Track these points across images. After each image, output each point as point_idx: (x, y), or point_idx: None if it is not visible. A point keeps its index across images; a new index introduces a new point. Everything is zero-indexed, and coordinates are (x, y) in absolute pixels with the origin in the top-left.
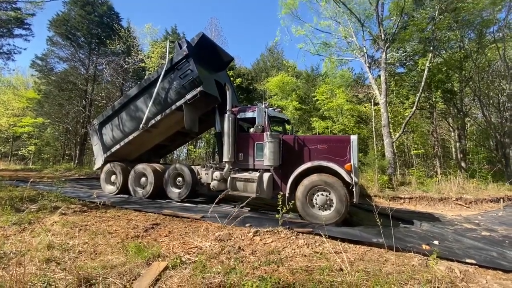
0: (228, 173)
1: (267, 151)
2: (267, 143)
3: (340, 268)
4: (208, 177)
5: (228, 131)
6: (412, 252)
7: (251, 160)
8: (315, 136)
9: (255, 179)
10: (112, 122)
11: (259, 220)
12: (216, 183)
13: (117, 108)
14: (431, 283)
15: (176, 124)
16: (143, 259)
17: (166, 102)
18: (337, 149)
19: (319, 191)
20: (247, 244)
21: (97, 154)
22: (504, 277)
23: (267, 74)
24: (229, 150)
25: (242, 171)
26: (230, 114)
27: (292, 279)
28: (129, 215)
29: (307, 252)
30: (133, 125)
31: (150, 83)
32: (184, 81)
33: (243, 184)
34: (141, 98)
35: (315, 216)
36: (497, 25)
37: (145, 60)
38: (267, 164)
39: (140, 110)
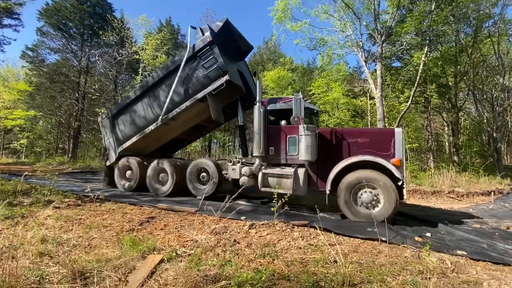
0: (258, 169)
1: (303, 144)
2: (303, 137)
3: (335, 260)
4: (236, 172)
5: (259, 124)
6: (405, 244)
7: (283, 154)
8: (355, 129)
9: (290, 175)
10: (126, 114)
11: (254, 213)
12: (246, 179)
13: (132, 99)
14: (423, 274)
15: (196, 116)
16: (138, 252)
17: (188, 92)
18: (380, 142)
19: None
20: (243, 237)
21: (109, 148)
22: (493, 268)
23: (263, 68)
24: (259, 144)
25: (273, 166)
26: (260, 105)
27: (287, 271)
28: (124, 208)
29: (302, 244)
30: (150, 118)
31: (169, 72)
32: (208, 70)
33: (276, 180)
34: (159, 89)
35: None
36: (492, 20)
37: (139, 52)
38: (303, 158)
39: (158, 102)
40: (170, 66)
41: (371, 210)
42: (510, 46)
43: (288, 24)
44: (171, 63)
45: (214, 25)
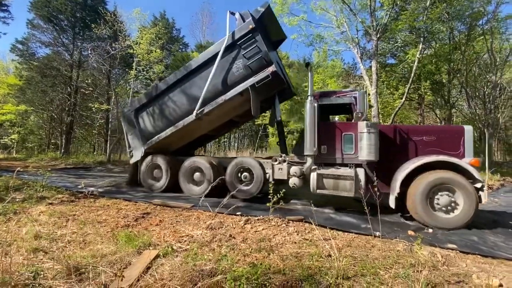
0: (309, 169)
1: (365, 143)
2: (366, 134)
3: (329, 254)
4: (283, 172)
5: (311, 120)
6: (398, 238)
7: (338, 153)
8: (420, 126)
9: (350, 176)
10: (153, 108)
11: (250, 209)
12: (297, 180)
13: (159, 92)
14: (414, 267)
15: (232, 110)
16: (133, 248)
17: (225, 85)
18: (448, 141)
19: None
20: (238, 232)
21: (133, 145)
22: (482, 261)
23: None
24: (312, 142)
25: (326, 166)
26: (313, 99)
27: (282, 266)
28: (119, 204)
29: (297, 239)
30: (181, 112)
31: (204, 62)
32: (250, 60)
33: (333, 181)
34: (191, 80)
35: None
36: (486, 18)
37: (133, 46)
38: (364, 158)
39: (190, 95)
40: (205, 56)
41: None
42: (502, 44)
43: (285, 19)
44: (206, 53)
45: (254, 11)
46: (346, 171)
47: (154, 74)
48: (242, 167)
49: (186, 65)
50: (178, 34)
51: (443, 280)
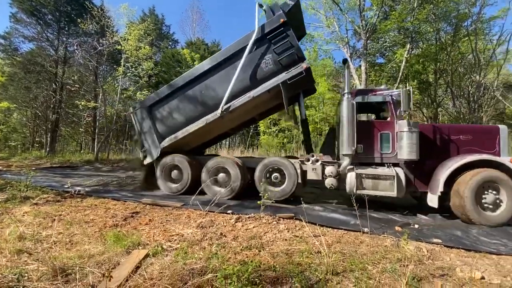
0: (346, 169)
1: (406, 142)
2: (407, 133)
3: (319, 251)
4: (317, 173)
5: (351, 119)
6: (386, 234)
7: (375, 152)
8: (457, 125)
9: (391, 176)
10: (170, 105)
11: (241, 207)
12: (334, 180)
13: (178, 87)
14: (401, 261)
15: (255, 108)
16: (122, 247)
17: (253, 80)
18: (484, 140)
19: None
20: (229, 230)
21: (147, 145)
22: (465, 255)
23: None
24: (351, 141)
25: (363, 166)
26: (351, 97)
27: (273, 262)
28: (107, 204)
29: (288, 236)
30: (202, 109)
31: (229, 56)
32: (281, 56)
33: (372, 181)
34: (215, 75)
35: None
36: (470, 19)
37: (121, 43)
38: (405, 157)
39: (213, 90)
40: (231, 50)
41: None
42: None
43: None
44: (233, 46)
45: (283, 4)
46: (386, 171)
47: (143, 71)
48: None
49: (210, 59)
50: (168, 30)
51: (428, 273)
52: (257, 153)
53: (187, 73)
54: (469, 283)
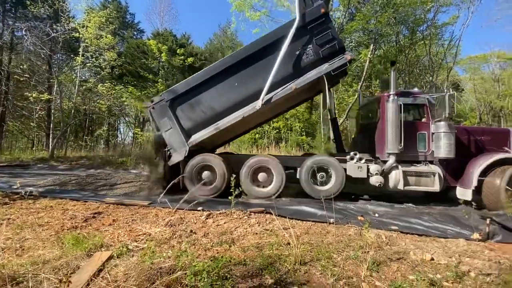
0: (391, 167)
1: (445, 142)
2: (446, 134)
3: (288, 243)
4: (363, 171)
5: (396, 118)
6: (350, 223)
7: (413, 151)
8: (478, 127)
9: (433, 173)
10: (199, 98)
11: (212, 203)
12: (381, 178)
13: (207, 78)
14: (363, 248)
15: (286, 101)
16: (82, 250)
17: (294, 71)
18: (499, 140)
19: None
20: (200, 227)
21: (173, 142)
22: (418, 239)
23: (223, 55)
24: (396, 140)
25: (404, 164)
26: (397, 98)
27: (244, 256)
28: (65, 205)
29: (259, 230)
30: (236, 102)
31: (268, 45)
32: (323, 47)
33: (415, 178)
34: (253, 65)
35: None
36: (425, 24)
37: (79, 30)
38: (443, 155)
39: (250, 81)
40: (269, 39)
41: None
42: (438, 49)
43: (247, 13)
44: (271, 35)
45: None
46: (427, 168)
47: (105, 61)
48: (319, 166)
49: (245, 48)
50: (133, 19)
51: (387, 258)
52: (229, 149)
53: (218, 64)
54: (421, 264)
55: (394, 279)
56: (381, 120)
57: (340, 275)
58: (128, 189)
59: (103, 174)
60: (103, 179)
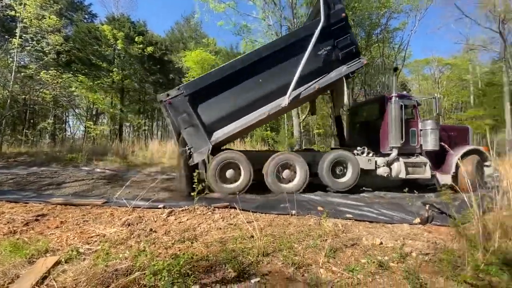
0: (393, 159)
1: (433, 137)
2: (431, 130)
3: (252, 236)
4: (372, 164)
5: (398, 117)
6: (310, 214)
7: (407, 145)
8: (451, 125)
9: (425, 163)
10: (222, 93)
11: (174, 200)
12: (387, 169)
13: (230, 73)
14: (321, 237)
15: (301, 101)
16: (23, 257)
17: (317, 71)
18: (463, 136)
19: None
20: (161, 225)
21: (194, 140)
22: (370, 226)
23: (185, 46)
24: (399, 136)
25: (402, 156)
26: (399, 100)
27: (207, 252)
28: (1, 207)
29: (222, 225)
30: (260, 98)
31: (293, 43)
32: (343, 50)
33: (412, 168)
34: (279, 63)
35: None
36: (379, 28)
37: (15, 7)
38: (430, 148)
39: (275, 79)
40: (293, 38)
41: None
42: (390, 51)
43: (211, 3)
44: (295, 34)
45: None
46: (419, 159)
47: (49, 46)
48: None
49: (269, 45)
50: (82, 0)
51: (342, 244)
52: None
53: (243, 58)
54: (372, 248)
55: (348, 263)
56: (384, 118)
57: (300, 264)
58: (79, 187)
59: (48, 172)
60: (48, 177)
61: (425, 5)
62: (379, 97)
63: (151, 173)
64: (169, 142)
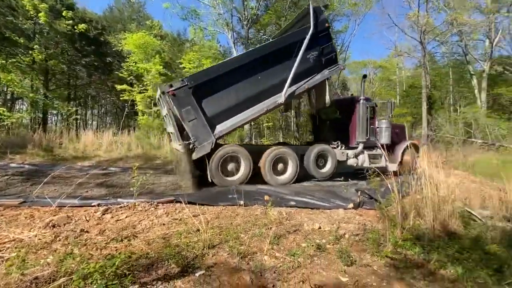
0: (359, 151)
1: (387, 133)
2: (386, 127)
3: (198, 229)
4: (344, 155)
5: (365, 117)
6: (257, 204)
7: (369, 140)
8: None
9: (380, 154)
10: (225, 87)
11: (111, 197)
12: (356, 160)
13: (234, 68)
14: (267, 225)
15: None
16: None
17: (305, 72)
18: (402, 132)
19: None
20: (94, 224)
21: (198, 134)
22: (311, 212)
23: (124, 27)
24: (364, 132)
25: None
26: (366, 102)
27: (147, 249)
28: None
29: (167, 220)
30: (258, 95)
31: (288, 45)
32: (326, 56)
33: (373, 159)
34: (275, 63)
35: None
36: None
37: None
38: (384, 142)
39: (270, 77)
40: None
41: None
42: None
43: None
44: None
45: (320, 8)
46: (377, 151)
47: None
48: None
49: (268, 45)
50: None
51: (286, 231)
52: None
53: (248, 53)
54: (311, 233)
55: (291, 248)
56: (353, 117)
57: (246, 253)
58: None
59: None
60: None
61: (364, 11)
62: (349, 99)
63: (83, 168)
64: (106, 133)
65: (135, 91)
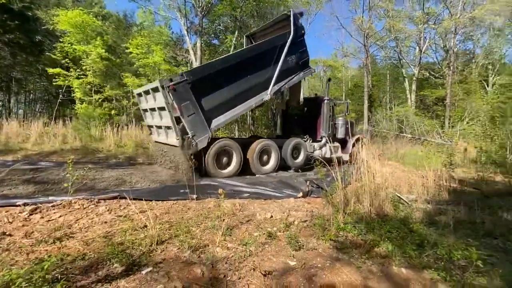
0: (324, 144)
1: (341, 129)
2: (342, 124)
3: (145, 225)
4: (311, 148)
5: (329, 115)
6: (210, 197)
7: (330, 134)
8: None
9: (337, 146)
10: (221, 84)
11: (41, 195)
12: (321, 152)
13: (230, 65)
14: (220, 217)
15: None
16: None
17: (286, 73)
18: (351, 128)
19: None
20: (19, 226)
21: (196, 128)
22: (263, 203)
23: (59, 2)
24: (328, 128)
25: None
26: (330, 101)
27: (85, 250)
28: None
29: (109, 218)
30: (247, 92)
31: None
32: (302, 59)
33: (333, 151)
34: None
35: None
36: None
37: None
38: (341, 136)
39: (257, 76)
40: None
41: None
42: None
43: None
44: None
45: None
46: (336, 144)
47: None
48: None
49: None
50: None
51: (239, 222)
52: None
53: (241, 52)
54: (263, 222)
55: (243, 238)
56: (319, 114)
57: (197, 246)
58: None
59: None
60: None
61: (315, 10)
62: (316, 98)
63: (6, 163)
64: (35, 123)
65: (72, 76)
